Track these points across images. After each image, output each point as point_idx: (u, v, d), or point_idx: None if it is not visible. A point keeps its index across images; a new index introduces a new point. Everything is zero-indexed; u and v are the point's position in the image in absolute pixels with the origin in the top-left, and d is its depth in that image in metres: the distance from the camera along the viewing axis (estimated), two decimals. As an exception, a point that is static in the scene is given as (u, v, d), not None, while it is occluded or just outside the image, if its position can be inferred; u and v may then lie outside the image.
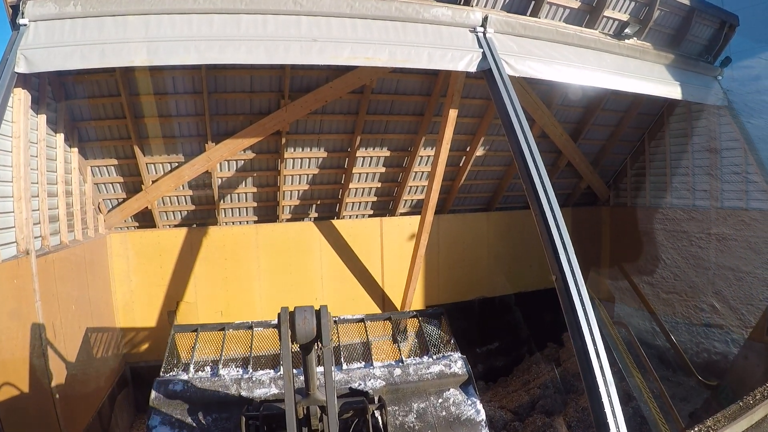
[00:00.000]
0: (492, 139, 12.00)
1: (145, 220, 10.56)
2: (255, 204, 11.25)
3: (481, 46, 7.57)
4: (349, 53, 6.92)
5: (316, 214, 12.04)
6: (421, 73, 9.92)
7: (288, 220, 11.75)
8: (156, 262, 10.51)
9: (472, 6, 7.89)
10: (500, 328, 14.24)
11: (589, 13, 9.12)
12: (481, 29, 7.69)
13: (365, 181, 11.81)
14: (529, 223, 7.73)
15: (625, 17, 9.35)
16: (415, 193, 12.52)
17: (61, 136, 8.04)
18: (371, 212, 12.63)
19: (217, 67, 8.58)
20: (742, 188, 11.16)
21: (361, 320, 6.88)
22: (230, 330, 6.69)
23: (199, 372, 5.70)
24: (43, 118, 7.30)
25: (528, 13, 8.55)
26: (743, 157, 11.04)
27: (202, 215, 10.99)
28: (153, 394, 5.35)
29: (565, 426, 10.33)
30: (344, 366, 5.82)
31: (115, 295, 10.12)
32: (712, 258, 11.72)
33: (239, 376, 5.56)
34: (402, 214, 12.79)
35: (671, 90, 9.88)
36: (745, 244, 11.03)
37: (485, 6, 8.14)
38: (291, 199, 11.44)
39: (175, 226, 10.91)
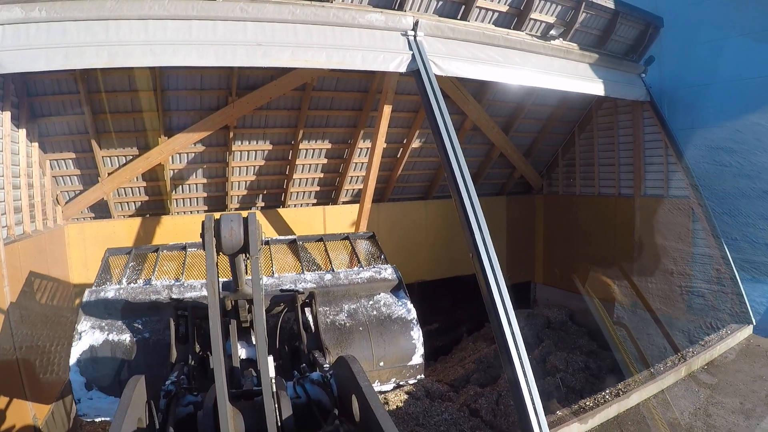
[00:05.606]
0: (427, 132, 12.59)
1: (101, 211, 10.85)
2: (205, 194, 11.66)
3: (411, 49, 8.29)
4: (289, 56, 7.53)
5: (262, 204, 12.53)
6: (359, 71, 10.36)
7: (236, 209, 12.12)
8: (111, 251, 10.82)
9: (405, 11, 8.54)
10: (439, 310, 14.92)
11: (516, 16, 9.82)
12: (412, 33, 8.41)
13: (308, 172, 12.37)
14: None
15: (551, 20, 10.04)
16: (355, 182, 13.12)
17: (23, 132, 8.39)
18: (314, 201, 13.17)
19: (170, 66, 8.96)
20: (663, 178, 12.17)
21: (294, 241, 6.73)
22: (164, 251, 6.42)
23: (132, 284, 5.47)
24: (7, 114, 7.69)
25: (459, 17, 9.22)
26: (663, 149, 12.03)
27: (155, 205, 11.34)
28: (83, 301, 5.07)
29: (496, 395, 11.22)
30: (275, 274, 5.69)
31: (72, 283, 10.37)
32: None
33: (171, 284, 5.42)
34: (344, 203, 13.40)
35: (594, 86, 10.71)
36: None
37: (418, 10, 8.80)
38: (239, 189, 11.91)
39: (130, 216, 11.22)
